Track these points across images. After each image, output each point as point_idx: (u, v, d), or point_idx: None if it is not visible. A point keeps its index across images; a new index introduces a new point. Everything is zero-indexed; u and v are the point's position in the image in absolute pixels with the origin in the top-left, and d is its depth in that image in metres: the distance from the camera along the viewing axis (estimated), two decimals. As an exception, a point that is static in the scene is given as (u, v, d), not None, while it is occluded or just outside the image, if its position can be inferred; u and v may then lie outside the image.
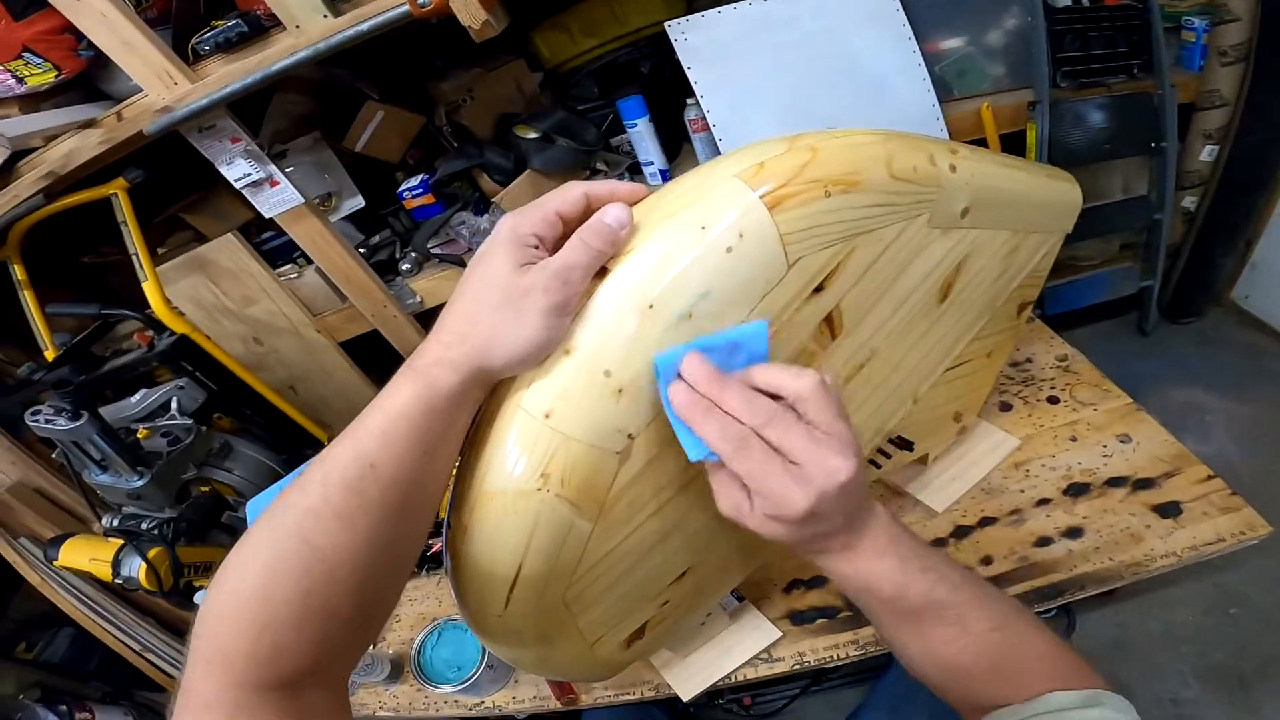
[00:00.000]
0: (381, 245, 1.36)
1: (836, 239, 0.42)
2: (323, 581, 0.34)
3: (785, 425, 0.37)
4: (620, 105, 1.20)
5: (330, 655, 0.36)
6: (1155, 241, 1.38)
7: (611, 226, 0.39)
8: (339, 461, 0.35)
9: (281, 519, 0.35)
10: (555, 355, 0.38)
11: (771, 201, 0.38)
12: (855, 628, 0.77)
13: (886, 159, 0.42)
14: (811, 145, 0.40)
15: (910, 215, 0.45)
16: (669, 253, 0.37)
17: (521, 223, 0.39)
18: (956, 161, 0.47)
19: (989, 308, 0.63)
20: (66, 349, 1.17)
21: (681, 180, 0.41)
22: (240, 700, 0.32)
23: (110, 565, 1.05)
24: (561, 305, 0.37)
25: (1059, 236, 0.64)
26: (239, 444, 1.30)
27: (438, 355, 0.37)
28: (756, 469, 0.37)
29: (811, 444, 0.36)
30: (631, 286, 0.38)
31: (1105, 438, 0.84)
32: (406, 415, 0.36)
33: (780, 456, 0.37)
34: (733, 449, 0.37)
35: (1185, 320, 1.62)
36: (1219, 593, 1.23)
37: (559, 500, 0.38)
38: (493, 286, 0.37)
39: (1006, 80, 1.22)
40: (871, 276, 0.46)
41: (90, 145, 1.01)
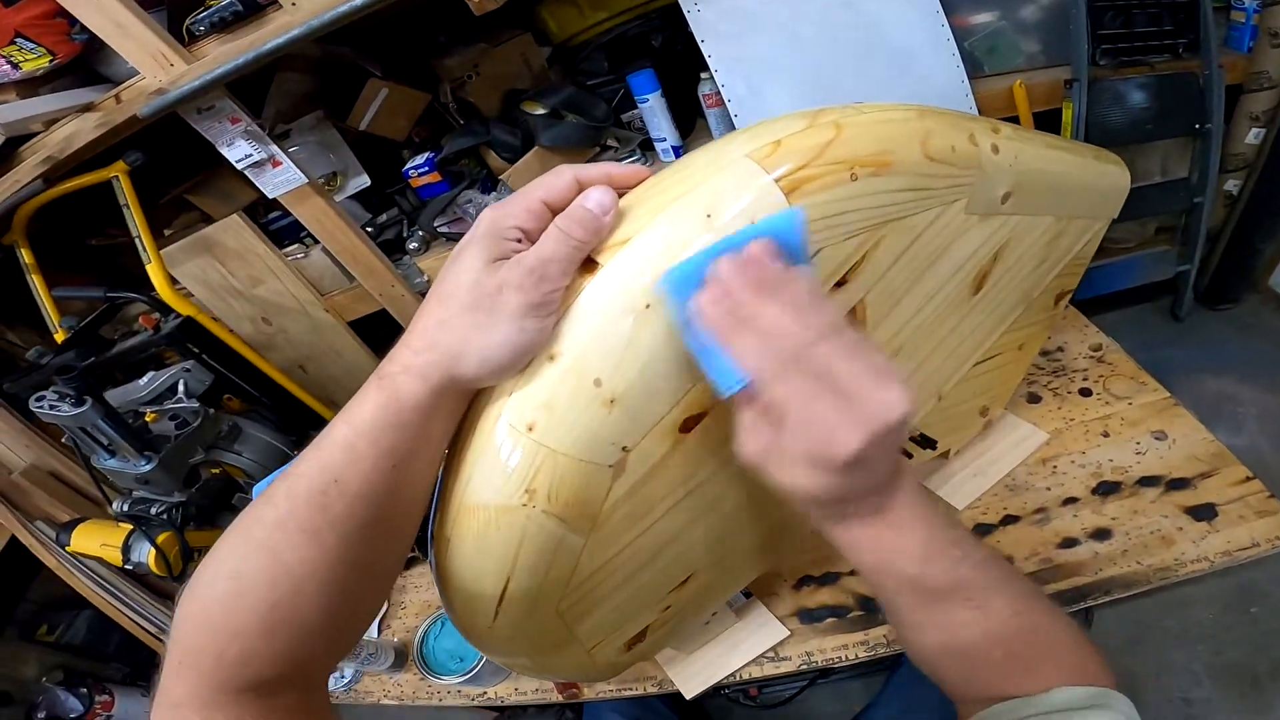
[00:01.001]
0: (388, 224, 1.35)
1: (862, 228, 0.37)
2: (289, 594, 0.33)
3: (841, 344, 0.31)
4: (631, 80, 1.16)
5: (302, 661, 0.35)
6: (1195, 225, 1.33)
7: (592, 212, 0.35)
8: (305, 475, 0.34)
9: (249, 529, 0.34)
10: (539, 361, 0.35)
11: (788, 185, 0.33)
12: (866, 628, 0.74)
13: (921, 137, 0.37)
14: (835, 121, 0.35)
15: (946, 200, 0.40)
16: (669, 244, 0.33)
17: (501, 215, 0.35)
18: (999, 141, 0.42)
19: (1025, 298, 0.58)
20: (74, 332, 1.17)
21: (686, 161, 0.36)
22: (210, 700, 0.32)
23: (120, 551, 1.05)
24: (538, 304, 0.33)
25: (1104, 222, 0.59)
26: (248, 426, 1.29)
27: (405, 363, 0.35)
28: (805, 394, 0.31)
29: (869, 370, 0.30)
30: (625, 283, 0.34)
31: (1139, 434, 0.79)
32: (372, 427, 0.34)
33: (828, 379, 0.31)
34: (778, 367, 0.31)
35: (1221, 307, 1.56)
36: (1240, 591, 1.20)
37: (546, 516, 0.36)
38: (463, 286, 0.34)
39: (1041, 58, 1.17)
40: (900, 268, 0.41)
41: (88, 129, 1.01)
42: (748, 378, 0.32)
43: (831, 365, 0.31)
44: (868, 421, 0.30)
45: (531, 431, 0.34)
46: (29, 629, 1.54)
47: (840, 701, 1.31)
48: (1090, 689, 0.36)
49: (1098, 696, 0.35)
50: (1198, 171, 1.25)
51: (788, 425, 0.32)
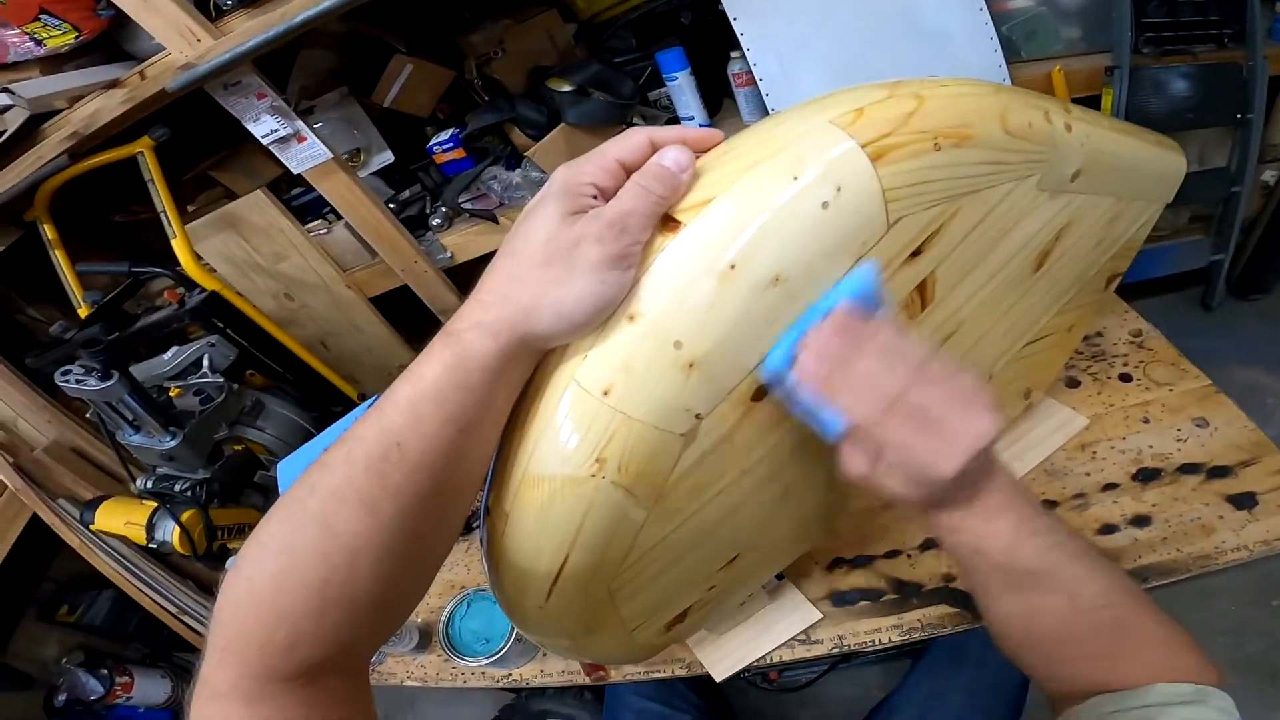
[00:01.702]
0: (411, 200, 1.34)
1: (942, 198, 0.36)
2: (343, 570, 0.31)
3: (928, 384, 0.34)
4: (659, 58, 1.14)
5: (349, 644, 0.33)
6: (1231, 214, 1.32)
7: (671, 170, 0.34)
8: (364, 438, 0.32)
9: (302, 500, 0.32)
10: (616, 321, 0.33)
11: (875, 152, 0.33)
12: (899, 612, 0.73)
13: (1000, 112, 0.37)
14: (916, 93, 0.35)
15: (1021, 176, 0.40)
16: (754, 206, 0.32)
17: (576, 173, 0.34)
18: (1071, 120, 0.42)
19: (1080, 279, 0.57)
20: (98, 307, 1.17)
21: (762, 126, 0.35)
22: (254, 690, 0.31)
23: (144, 529, 1.06)
24: (618, 257, 0.32)
25: (1160, 205, 0.58)
26: (271, 402, 1.30)
27: (475, 319, 0.33)
28: (904, 434, 0.35)
29: (957, 402, 0.35)
30: (709, 243, 0.32)
31: (1180, 421, 0.78)
32: (437, 388, 0.32)
33: (923, 421, 0.34)
34: (878, 415, 0.35)
35: (1252, 297, 1.55)
36: (1265, 583, 1.20)
37: (614, 487, 0.34)
38: (538, 240, 0.33)
39: (1081, 44, 1.15)
40: (972, 241, 0.41)
41: (114, 105, 1.01)
42: (850, 423, 0.36)
43: (925, 404, 0.34)
44: (962, 450, 0.34)
45: (607, 396, 0.33)
46: (49, 609, 1.54)
47: (859, 687, 1.32)
48: (1187, 685, 0.35)
49: (1194, 693, 0.35)
50: (1236, 161, 1.24)
51: (890, 458, 0.36)
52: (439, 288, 1.36)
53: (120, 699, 1.47)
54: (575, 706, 1.15)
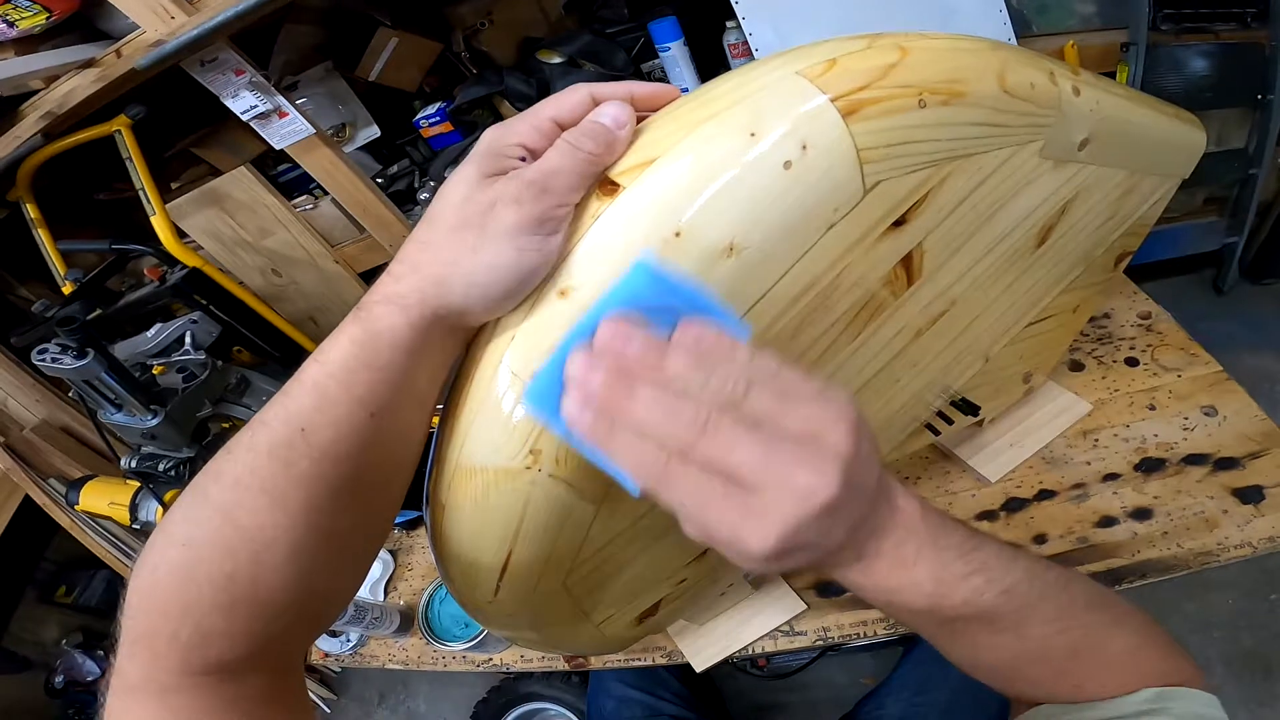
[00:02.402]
0: (399, 175, 1.32)
1: (927, 162, 0.32)
2: (248, 564, 0.28)
3: (722, 436, 0.25)
4: (652, 27, 1.11)
5: (270, 641, 0.30)
6: (1246, 197, 1.29)
7: (606, 126, 0.30)
8: (268, 423, 0.29)
9: (205, 489, 0.29)
10: (546, 297, 0.30)
11: (847, 107, 0.29)
12: (887, 604, 0.71)
13: (998, 69, 0.33)
14: (899, 44, 0.31)
15: (1021, 141, 0.36)
16: (705, 165, 0.28)
17: (504, 132, 0.31)
18: (1080, 84, 0.38)
19: (1087, 257, 0.53)
20: (80, 285, 1.15)
21: (722, 79, 0.31)
22: (168, 684, 0.28)
23: (128, 510, 1.04)
24: (537, 220, 0.28)
25: (1175, 182, 0.54)
26: (257, 379, 1.28)
27: (385, 291, 0.30)
28: (696, 498, 0.25)
29: (767, 456, 0.25)
30: (652, 207, 0.29)
31: (1187, 408, 0.75)
32: (344, 367, 0.29)
33: (722, 478, 0.25)
34: (658, 473, 0.26)
35: (1265, 281, 1.51)
36: (1263, 578, 1.18)
37: (553, 480, 0.32)
38: (452, 203, 0.29)
39: (1096, 19, 1.10)
40: (964, 212, 0.37)
41: (87, 84, 0.98)
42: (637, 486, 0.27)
43: (725, 455, 0.25)
44: (780, 516, 0.25)
45: None
46: (48, 590, 1.55)
47: (849, 673, 1.31)
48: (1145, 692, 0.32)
49: (1153, 698, 0.32)
50: (1255, 143, 1.21)
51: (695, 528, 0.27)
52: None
53: (118, 681, 1.48)
54: (560, 689, 1.15)
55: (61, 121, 1.03)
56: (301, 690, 0.34)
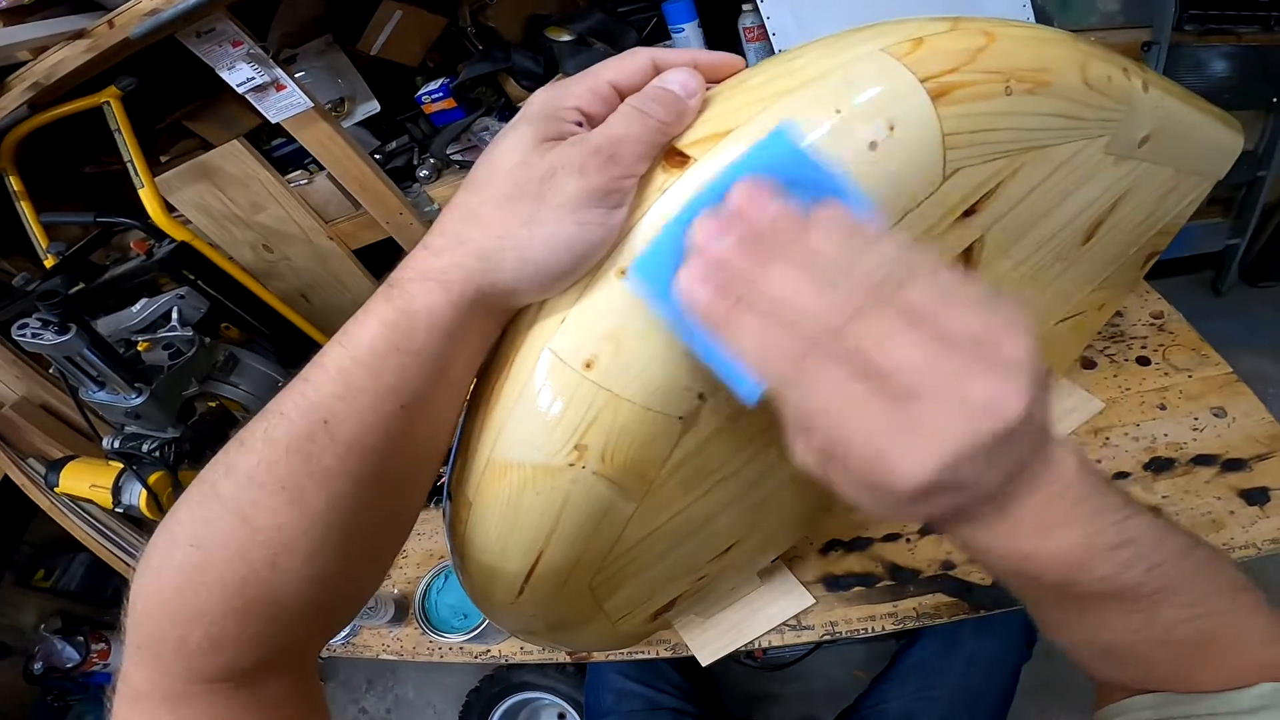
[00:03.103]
0: (398, 151, 1.28)
1: (1006, 151, 0.31)
2: (263, 568, 0.26)
3: (878, 326, 0.20)
4: (667, 8, 1.08)
5: (284, 646, 0.28)
6: (1252, 199, 1.31)
7: (675, 93, 0.27)
8: (286, 413, 0.26)
9: (215, 485, 0.26)
10: (603, 277, 0.27)
11: (936, 89, 0.27)
12: (895, 599, 0.71)
13: (1081, 61, 0.32)
14: (984, 29, 0.29)
15: (1092, 135, 0.34)
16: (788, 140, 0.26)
17: (560, 94, 0.28)
18: (1148, 81, 0.37)
19: (1122, 254, 0.53)
20: (63, 258, 1.11)
21: (795, 53, 0.29)
22: (177, 692, 0.26)
23: (111, 492, 1.01)
24: (603, 192, 0.25)
25: (1212, 182, 0.53)
26: (245, 356, 1.24)
27: (421, 267, 0.27)
28: (838, 402, 0.21)
29: (934, 358, 0.20)
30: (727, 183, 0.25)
31: (1198, 409, 0.75)
32: (373, 352, 0.26)
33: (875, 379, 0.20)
34: (792, 365, 0.21)
35: (1263, 284, 1.53)
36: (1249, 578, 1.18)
37: (596, 479, 0.29)
38: (502, 170, 0.26)
39: (1119, 17, 1.10)
40: (1029, 203, 0.35)
41: (77, 55, 0.94)
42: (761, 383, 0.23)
43: (885, 351, 0.20)
44: (944, 439, 0.20)
45: (590, 370, 0.27)
46: (26, 574, 1.51)
47: (843, 666, 1.31)
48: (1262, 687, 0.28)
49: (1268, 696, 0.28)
50: (1265, 145, 1.22)
51: (826, 444, 0.22)
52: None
53: (97, 666, 1.45)
54: (555, 679, 1.14)
55: (49, 93, 0.99)
56: (316, 692, 0.32)
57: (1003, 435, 0.20)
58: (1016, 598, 0.31)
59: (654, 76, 0.29)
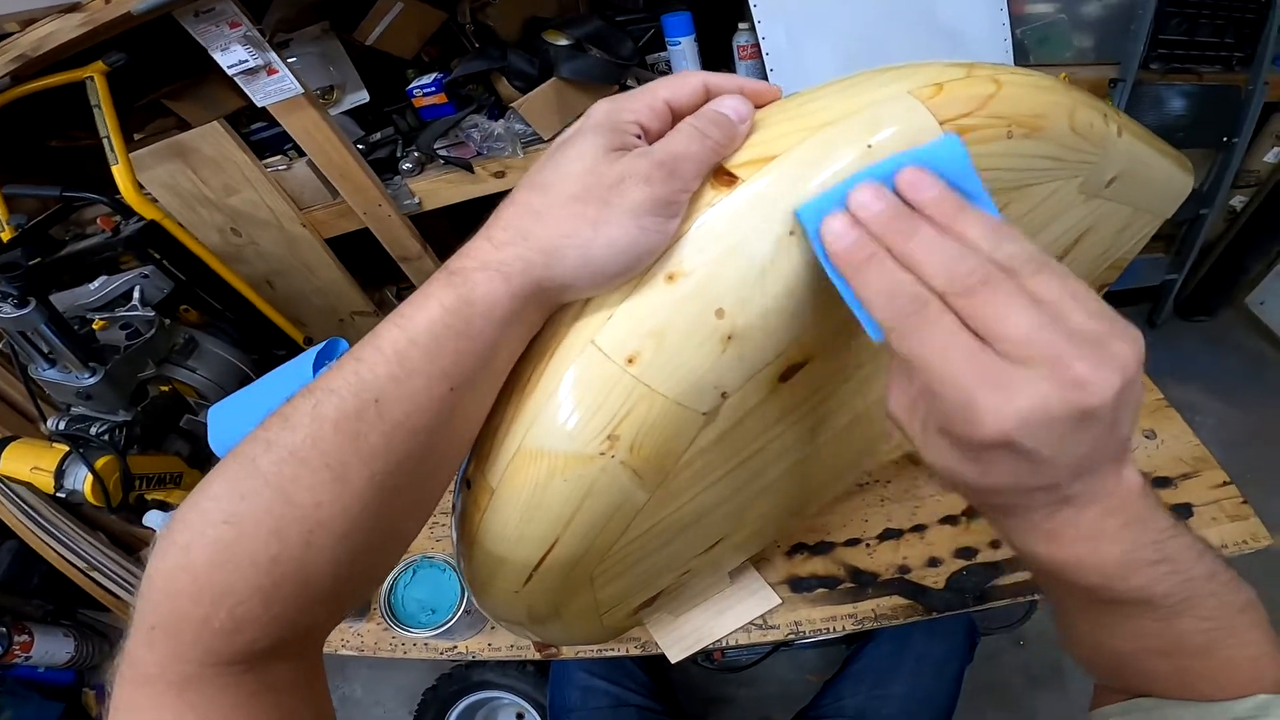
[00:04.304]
0: (383, 143, 1.28)
1: (1002, 187, 0.34)
2: (296, 546, 0.26)
3: (1002, 294, 0.23)
4: (665, 20, 1.11)
5: (303, 627, 0.28)
6: (1193, 235, 1.37)
7: (730, 118, 0.30)
8: (337, 390, 0.27)
9: (254, 460, 0.26)
10: (652, 280, 0.29)
11: (953, 131, 0.30)
12: (855, 600, 0.74)
13: (1070, 108, 0.36)
14: (994, 77, 0.32)
15: (1070, 175, 0.39)
16: (824, 167, 0.29)
17: (621, 108, 0.30)
18: (1122, 126, 0.41)
19: (1079, 286, 0.57)
20: (22, 230, 1.07)
21: (827, 89, 0.32)
22: (190, 675, 0.26)
23: (53, 476, 0.96)
24: (665, 202, 0.28)
25: (1160, 220, 0.59)
26: (206, 340, 1.20)
27: (484, 258, 0.28)
28: (941, 352, 0.23)
29: (1045, 332, 0.22)
30: (770, 202, 0.29)
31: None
32: (432, 335, 0.27)
33: (977, 340, 0.23)
34: (902, 318, 0.24)
35: (1197, 318, 1.62)
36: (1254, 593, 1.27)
37: (622, 468, 0.31)
38: (573, 173, 0.28)
39: (1091, 54, 1.17)
40: None
41: (70, 29, 0.92)
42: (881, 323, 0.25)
43: (997, 311, 0.22)
44: (1029, 397, 0.22)
45: (632, 364, 0.29)
46: (-57, 561, 1.42)
47: (796, 670, 1.35)
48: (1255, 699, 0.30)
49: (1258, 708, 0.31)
50: (1210, 182, 1.28)
51: (922, 385, 0.24)
52: (402, 233, 1.30)
53: (19, 658, 1.36)
54: (515, 677, 1.14)
55: (33, 65, 0.96)
56: (321, 675, 0.32)
57: (1086, 413, 0.22)
58: None
59: (705, 98, 0.31)
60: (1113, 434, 0.24)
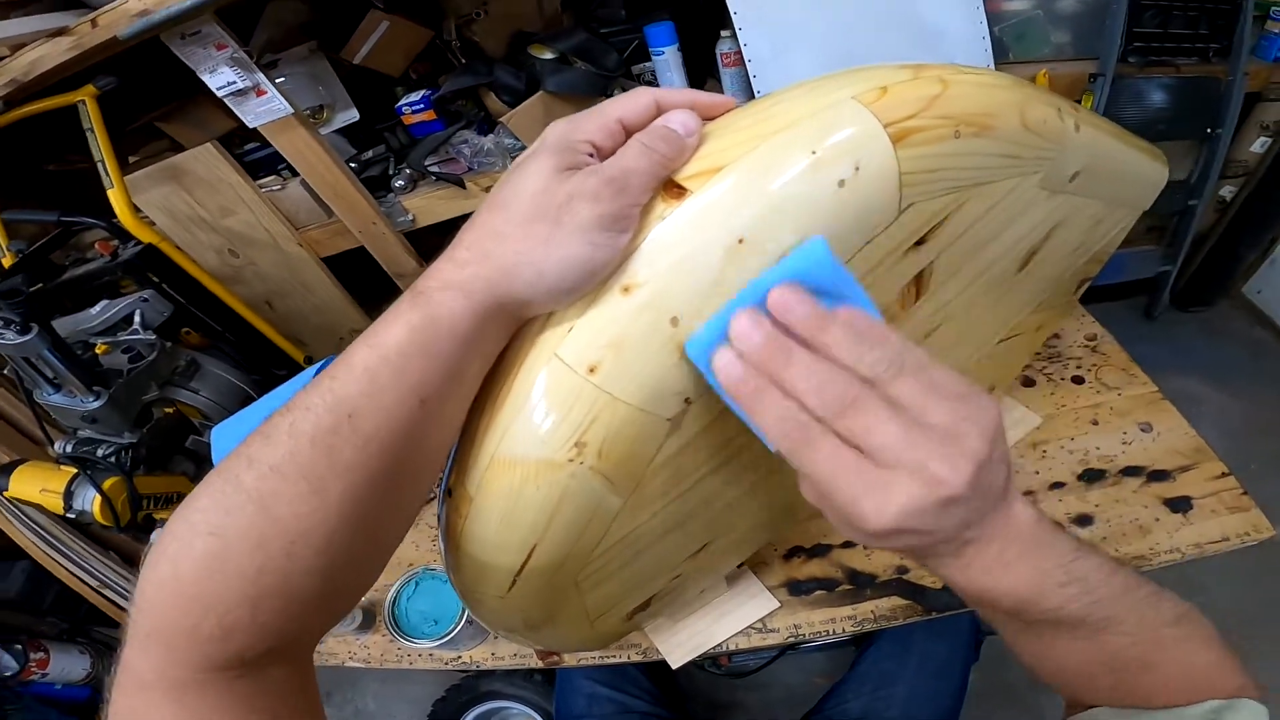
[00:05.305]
0: (374, 161, 1.29)
1: (952, 187, 0.35)
2: (279, 558, 0.27)
3: (869, 414, 0.27)
4: (648, 30, 1.12)
5: (291, 634, 0.30)
6: (1184, 227, 1.37)
7: (678, 132, 0.31)
8: (313, 407, 0.28)
9: (237, 475, 0.28)
10: (608, 292, 0.30)
11: (896, 134, 0.31)
12: (854, 602, 0.74)
13: (1020, 105, 0.36)
14: (941, 77, 0.33)
15: (1028, 172, 0.39)
16: (769, 177, 0.30)
17: (574, 128, 0.31)
18: (1080, 121, 0.42)
19: (1057, 280, 0.58)
20: (22, 256, 1.08)
21: (776, 97, 0.33)
22: (183, 680, 0.27)
23: (62, 497, 0.98)
24: (613, 218, 0.29)
25: (1137, 214, 0.59)
26: (207, 362, 1.22)
27: (446, 277, 0.30)
28: (827, 470, 0.28)
29: (906, 440, 0.27)
30: (718, 213, 0.30)
31: (1127, 424, 0.81)
32: (400, 353, 0.28)
33: (854, 453, 0.27)
34: (792, 443, 0.28)
35: (1193, 309, 1.61)
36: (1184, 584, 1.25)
37: (592, 474, 0.32)
38: (525, 194, 0.29)
39: (1069, 49, 1.18)
40: (972, 234, 0.40)
41: (58, 53, 0.93)
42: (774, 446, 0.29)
43: (868, 430, 0.27)
44: (905, 498, 0.27)
45: (593, 374, 0.30)
46: (-41, 582, 1.44)
47: (804, 673, 1.34)
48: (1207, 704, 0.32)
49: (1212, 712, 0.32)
50: (1198, 174, 1.28)
51: (820, 491, 0.29)
52: (397, 250, 1.31)
53: (35, 676, 1.38)
54: (524, 687, 1.14)
55: (25, 89, 0.97)
56: (313, 682, 0.33)
57: (946, 501, 0.27)
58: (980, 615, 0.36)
59: (657, 115, 0.32)
60: (985, 497, 0.29)
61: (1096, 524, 0.72)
